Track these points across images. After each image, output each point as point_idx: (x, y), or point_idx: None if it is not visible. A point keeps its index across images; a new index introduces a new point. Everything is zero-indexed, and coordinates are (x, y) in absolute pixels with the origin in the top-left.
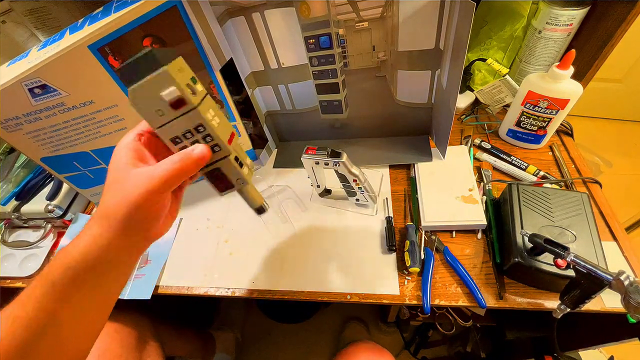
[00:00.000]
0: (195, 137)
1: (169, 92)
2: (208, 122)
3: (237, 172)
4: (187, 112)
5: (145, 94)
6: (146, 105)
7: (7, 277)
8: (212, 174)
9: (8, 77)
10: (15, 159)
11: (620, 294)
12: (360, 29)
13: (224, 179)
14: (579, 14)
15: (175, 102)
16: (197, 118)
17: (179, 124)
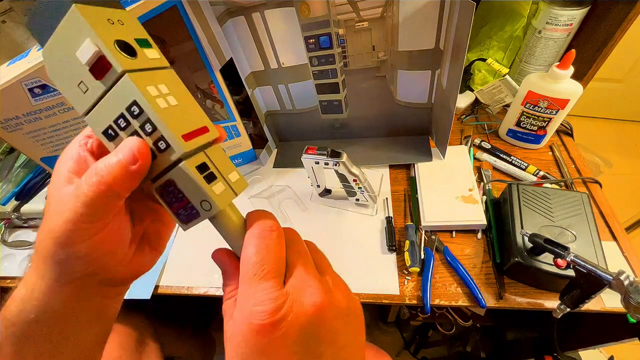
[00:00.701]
0: (130, 126)
1: (85, 49)
2: (145, 98)
3: (198, 189)
4: (114, 84)
5: (58, 55)
6: (64, 77)
7: (7, 277)
8: (165, 190)
9: (8, 77)
10: (15, 159)
11: (620, 294)
12: (360, 29)
13: (181, 199)
14: (579, 14)
15: (95, 65)
16: (127, 92)
17: (108, 105)
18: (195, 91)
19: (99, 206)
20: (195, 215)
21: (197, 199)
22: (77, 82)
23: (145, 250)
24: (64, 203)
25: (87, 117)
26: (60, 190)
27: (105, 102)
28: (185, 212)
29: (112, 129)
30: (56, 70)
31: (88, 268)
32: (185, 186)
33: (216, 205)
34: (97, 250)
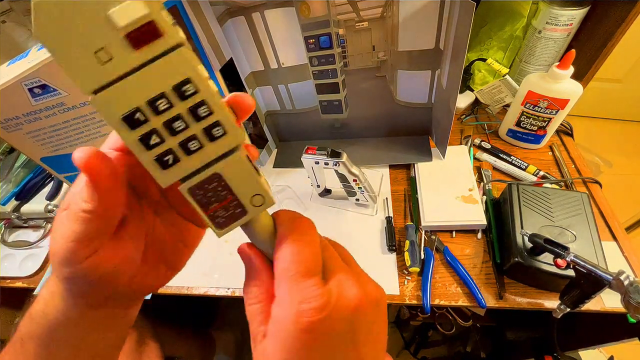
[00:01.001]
0: (172, 109)
1: (129, 8)
2: (201, 76)
3: (251, 181)
4: (159, 57)
5: (68, 12)
6: (68, 38)
7: (7, 277)
8: (202, 188)
9: (8, 77)
10: (15, 159)
11: (620, 294)
12: (360, 29)
13: (223, 197)
14: (579, 14)
15: (138, 31)
16: (181, 65)
17: (143, 82)
18: None
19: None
20: (239, 215)
21: (248, 193)
22: (94, 49)
23: (160, 269)
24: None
25: (97, 95)
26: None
27: (138, 78)
28: (226, 213)
29: (140, 112)
30: (55, 25)
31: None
32: (235, 179)
33: (270, 198)
34: (99, 269)
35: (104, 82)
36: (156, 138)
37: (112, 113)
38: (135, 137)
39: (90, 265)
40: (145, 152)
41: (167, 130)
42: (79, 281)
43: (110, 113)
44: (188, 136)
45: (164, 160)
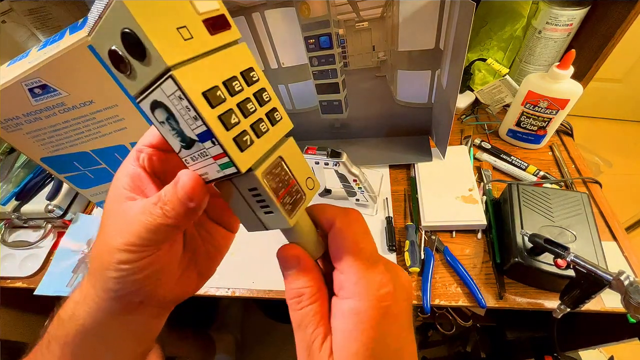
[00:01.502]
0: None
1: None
2: (259, 68)
3: (303, 161)
4: (227, 45)
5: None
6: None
7: (7, 277)
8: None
9: (8, 77)
10: (15, 159)
11: (620, 294)
12: (360, 29)
13: (289, 181)
14: (579, 14)
15: (215, 21)
16: (246, 56)
17: (219, 64)
18: None
19: (161, 234)
20: (300, 200)
21: (303, 176)
22: (177, 25)
23: (193, 275)
24: (116, 223)
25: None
26: (121, 206)
27: (216, 59)
28: (291, 199)
29: (220, 90)
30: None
31: (135, 287)
32: (293, 162)
33: (317, 181)
34: (147, 268)
35: (187, 57)
36: (235, 118)
37: (194, 88)
38: (216, 114)
39: (143, 265)
40: (225, 131)
41: (241, 112)
42: (124, 280)
43: (193, 88)
44: (258, 118)
45: (244, 140)
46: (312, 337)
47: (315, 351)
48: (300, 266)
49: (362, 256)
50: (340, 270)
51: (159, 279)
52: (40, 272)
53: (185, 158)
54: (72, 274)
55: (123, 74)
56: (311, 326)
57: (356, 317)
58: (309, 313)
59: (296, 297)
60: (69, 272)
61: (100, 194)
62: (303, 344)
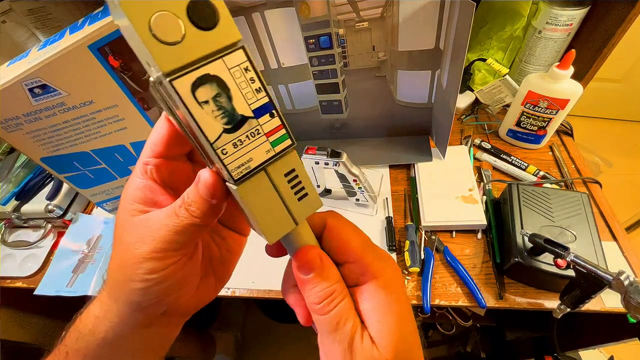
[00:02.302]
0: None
1: None
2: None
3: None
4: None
5: None
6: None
7: (7, 277)
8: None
9: (8, 77)
10: (15, 159)
11: (620, 294)
12: (360, 29)
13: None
14: (579, 14)
15: None
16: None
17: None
18: None
19: (188, 235)
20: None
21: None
22: None
23: (210, 282)
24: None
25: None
26: (129, 222)
27: None
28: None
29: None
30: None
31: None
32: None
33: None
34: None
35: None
36: None
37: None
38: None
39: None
40: None
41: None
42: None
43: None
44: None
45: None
46: (353, 330)
47: (358, 344)
48: (324, 264)
49: (367, 243)
50: (353, 260)
51: (181, 288)
52: (40, 272)
53: (222, 147)
54: (72, 274)
55: (168, 43)
56: (350, 320)
57: (385, 292)
58: (344, 307)
59: (327, 297)
60: (69, 272)
61: (100, 194)
62: (342, 344)
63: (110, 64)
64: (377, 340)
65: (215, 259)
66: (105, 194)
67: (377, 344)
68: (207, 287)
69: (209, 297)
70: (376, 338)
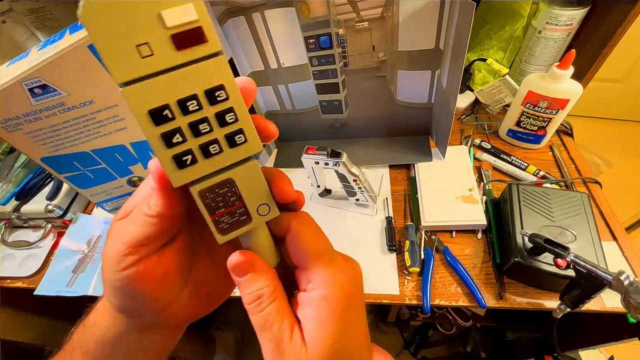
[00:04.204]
0: (200, 111)
1: (181, 11)
2: (236, 85)
3: (261, 190)
4: (198, 60)
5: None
6: (118, 32)
7: (7, 277)
8: (212, 192)
9: (8, 77)
10: (15, 159)
11: (620, 294)
12: (360, 29)
13: (232, 203)
14: (579, 14)
15: (186, 35)
16: (217, 72)
17: (177, 81)
18: None
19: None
20: (245, 222)
21: (256, 202)
22: (138, 42)
23: (202, 299)
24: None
25: (127, 87)
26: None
27: (174, 76)
28: (231, 220)
29: (169, 109)
30: (104, 17)
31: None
32: (247, 186)
33: (275, 209)
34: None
35: (139, 75)
36: (179, 137)
37: (139, 106)
38: (158, 132)
39: (134, 274)
40: (164, 149)
41: (191, 131)
42: (124, 293)
43: (138, 106)
44: (210, 139)
45: (183, 159)
46: (280, 332)
47: (286, 343)
48: (255, 269)
49: (324, 251)
50: (305, 267)
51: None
52: (40, 272)
53: None
54: (72, 274)
55: None
56: (277, 322)
57: (327, 303)
58: (272, 311)
59: (255, 299)
60: (69, 272)
61: (100, 194)
62: (271, 344)
63: None
64: (308, 344)
65: (210, 282)
66: (105, 194)
67: (308, 348)
68: (199, 304)
69: (201, 313)
70: (309, 342)
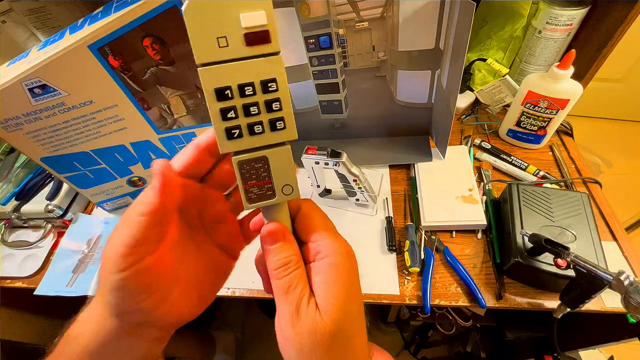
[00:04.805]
0: (254, 97)
1: (255, 16)
2: (285, 79)
3: (289, 173)
4: (262, 56)
5: (212, 5)
6: (205, 24)
7: (7, 277)
8: (249, 165)
9: (8, 77)
10: (15, 159)
11: (620, 294)
12: (360, 29)
13: (263, 178)
14: (579, 14)
15: (255, 35)
16: (273, 68)
17: (242, 70)
18: (195, 91)
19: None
20: (269, 197)
21: (282, 182)
22: (219, 34)
23: (192, 297)
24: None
25: (203, 68)
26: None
27: (240, 65)
28: (259, 192)
29: (230, 90)
30: (198, 12)
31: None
32: (277, 166)
33: (297, 191)
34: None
35: (215, 60)
36: (233, 114)
37: (210, 83)
38: (218, 107)
39: (133, 274)
40: (220, 121)
41: (243, 111)
42: (123, 292)
43: (209, 83)
44: (257, 120)
45: (232, 132)
46: (301, 295)
47: (304, 307)
48: (285, 239)
49: (330, 227)
50: (314, 240)
51: (154, 292)
52: (40, 272)
53: None
54: (72, 274)
55: None
56: (300, 285)
57: (334, 268)
58: (297, 275)
59: (283, 265)
60: (69, 272)
61: (100, 194)
62: (291, 306)
63: (110, 64)
64: (321, 308)
65: (200, 277)
66: (105, 194)
67: (321, 311)
68: (189, 304)
69: (192, 314)
70: (321, 306)
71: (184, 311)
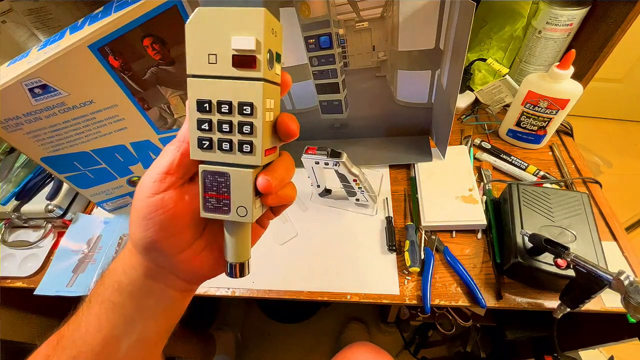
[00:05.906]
0: (229, 115)
1: (244, 41)
2: (262, 108)
3: (246, 196)
4: (244, 79)
5: (212, 24)
6: (201, 39)
7: (7, 277)
8: (212, 176)
9: (8, 77)
10: (15, 159)
11: (620, 294)
12: (360, 29)
13: (222, 192)
14: (579, 14)
15: (242, 58)
16: (252, 93)
17: (224, 88)
18: None
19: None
20: (224, 212)
21: (238, 203)
22: (210, 51)
23: (214, 254)
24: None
25: (192, 79)
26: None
27: (223, 84)
28: (216, 204)
29: (209, 104)
30: (198, 28)
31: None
32: (237, 187)
33: (250, 218)
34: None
35: (202, 73)
36: (207, 126)
37: (194, 93)
38: (196, 116)
39: (160, 201)
40: (195, 129)
41: (217, 126)
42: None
43: (194, 93)
44: (226, 138)
45: (203, 142)
46: None
47: None
48: None
49: None
50: None
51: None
52: (40, 272)
53: None
54: (72, 274)
55: None
56: None
57: None
58: None
59: None
60: (69, 272)
61: (100, 194)
62: None
63: (111, 64)
64: None
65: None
66: (105, 194)
67: None
68: (207, 262)
69: (207, 273)
70: None
71: (204, 266)
